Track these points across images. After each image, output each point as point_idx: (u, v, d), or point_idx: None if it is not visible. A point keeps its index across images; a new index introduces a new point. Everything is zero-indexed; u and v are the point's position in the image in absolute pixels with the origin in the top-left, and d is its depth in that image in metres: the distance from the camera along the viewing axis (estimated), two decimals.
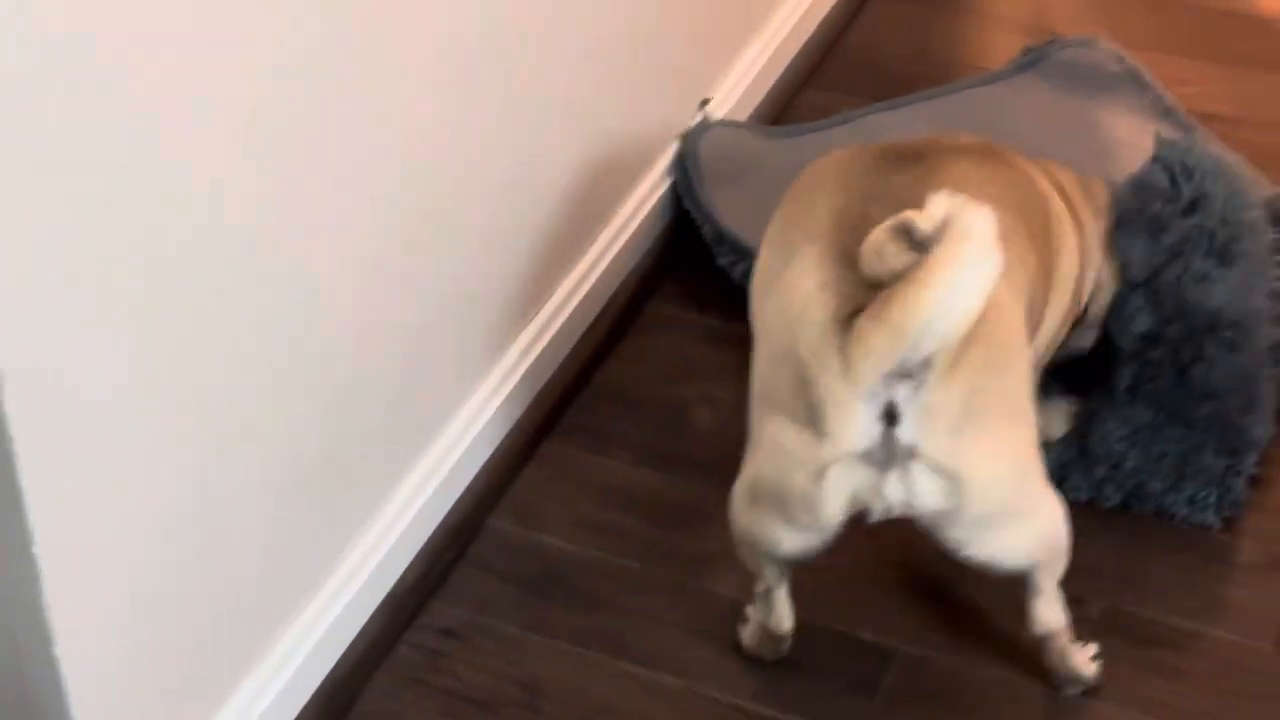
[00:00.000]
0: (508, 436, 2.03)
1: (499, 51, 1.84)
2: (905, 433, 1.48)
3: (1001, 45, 2.70)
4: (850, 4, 2.74)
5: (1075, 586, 1.78)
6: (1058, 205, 1.81)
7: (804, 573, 1.68)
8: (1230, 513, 1.82)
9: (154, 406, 1.50)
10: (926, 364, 1.45)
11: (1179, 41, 2.71)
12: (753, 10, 2.49)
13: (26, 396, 1.29)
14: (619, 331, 2.10)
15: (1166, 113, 2.33)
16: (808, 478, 1.55)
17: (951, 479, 1.49)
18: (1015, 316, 1.57)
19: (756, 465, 1.60)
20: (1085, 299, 1.87)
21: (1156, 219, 1.91)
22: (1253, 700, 1.67)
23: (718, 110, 2.35)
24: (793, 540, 1.59)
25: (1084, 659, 1.71)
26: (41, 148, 1.28)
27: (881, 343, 1.43)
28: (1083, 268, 1.84)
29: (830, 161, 1.77)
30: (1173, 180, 1.92)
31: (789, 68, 2.59)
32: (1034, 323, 1.71)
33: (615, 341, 2.08)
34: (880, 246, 1.47)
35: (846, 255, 1.55)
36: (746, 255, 2.07)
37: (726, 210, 2.18)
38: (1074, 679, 1.70)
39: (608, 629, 1.82)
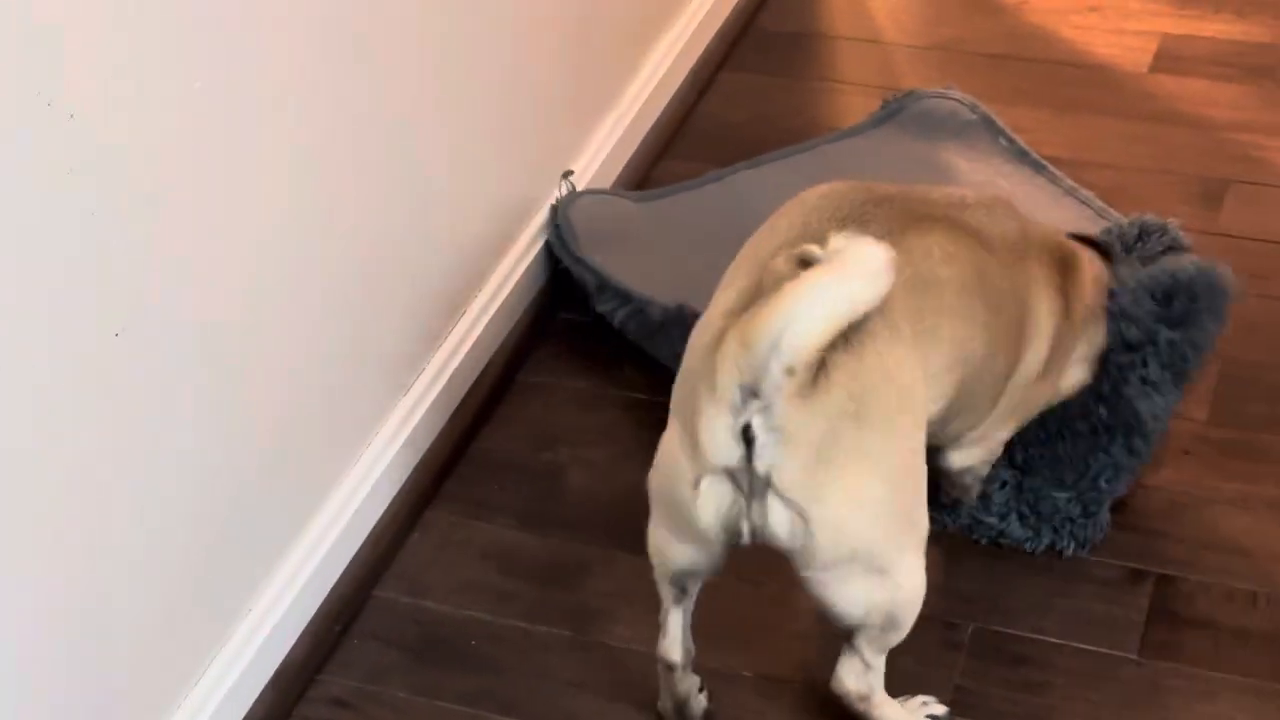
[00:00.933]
0: (390, 507, 2.02)
1: (362, 129, 1.85)
2: (761, 458, 1.49)
3: (852, 106, 2.73)
4: (701, 76, 2.77)
5: (946, 612, 1.83)
6: (1044, 304, 1.80)
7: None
8: (1089, 547, 1.89)
9: (30, 497, 1.48)
10: (777, 387, 1.46)
11: (1018, 91, 2.75)
12: (609, 84, 2.52)
13: None
14: (494, 400, 2.11)
15: (1021, 155, 2.40)
16: (686, 486, 1.56)
17: (801, 515, 1.50)
18: (903, 385, 1.57)
19: (653, 470, 1.63)
20: (1067, 380, 1.90)
21: (1124, 313, 1.96)
22: (1120, 709, 1.72)
23: (579, 182, 2.38)
24: (681, 553, 1.62)
25: None
26: None
27: (732, 352, 1.45)
28: (1055, 359, 1.85)
29: (817, 192, 1.76)
30: (1169, 296, 1.95)
31: (646, 139, 2.61)
32: (973, 403, 1.73)
33: (490, 410, 2.10)
34: (776, 272, 1.50)
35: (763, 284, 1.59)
36: (628, 300, 2.12)
37: (604, 267, 2.21)
38: None
39: (497, 689, 1.84)
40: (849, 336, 1.52)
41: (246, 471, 1.79)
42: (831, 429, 1.49)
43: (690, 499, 1.56)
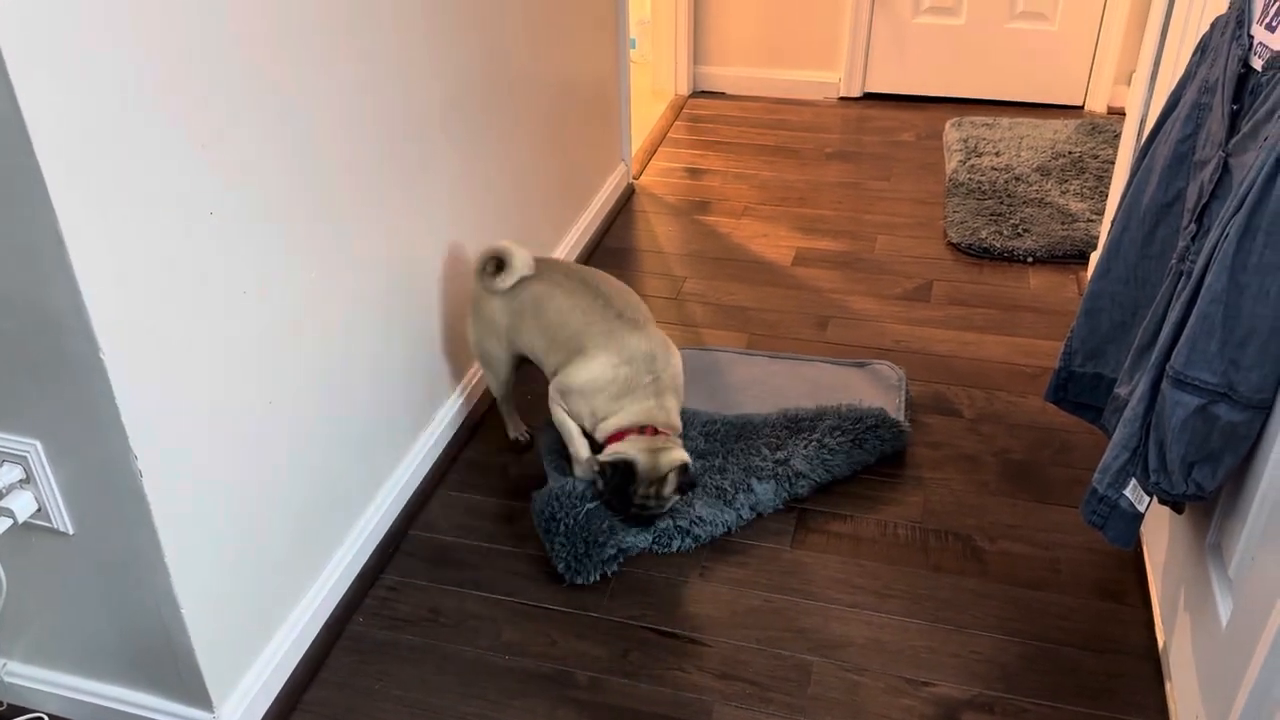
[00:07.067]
0: (421, 484, 2.54)
1: None
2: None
3: (652, 283, 3.37)
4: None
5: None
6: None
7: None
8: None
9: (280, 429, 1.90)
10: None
11: (729, 275, 3.41)
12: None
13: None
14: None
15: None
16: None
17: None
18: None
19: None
20: None
21: None
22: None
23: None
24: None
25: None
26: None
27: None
28: None
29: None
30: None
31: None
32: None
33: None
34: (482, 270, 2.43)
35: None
36: None
37: None
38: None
39: (474, 578, 2.27)
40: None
41: (350, 463, 2.24)
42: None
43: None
